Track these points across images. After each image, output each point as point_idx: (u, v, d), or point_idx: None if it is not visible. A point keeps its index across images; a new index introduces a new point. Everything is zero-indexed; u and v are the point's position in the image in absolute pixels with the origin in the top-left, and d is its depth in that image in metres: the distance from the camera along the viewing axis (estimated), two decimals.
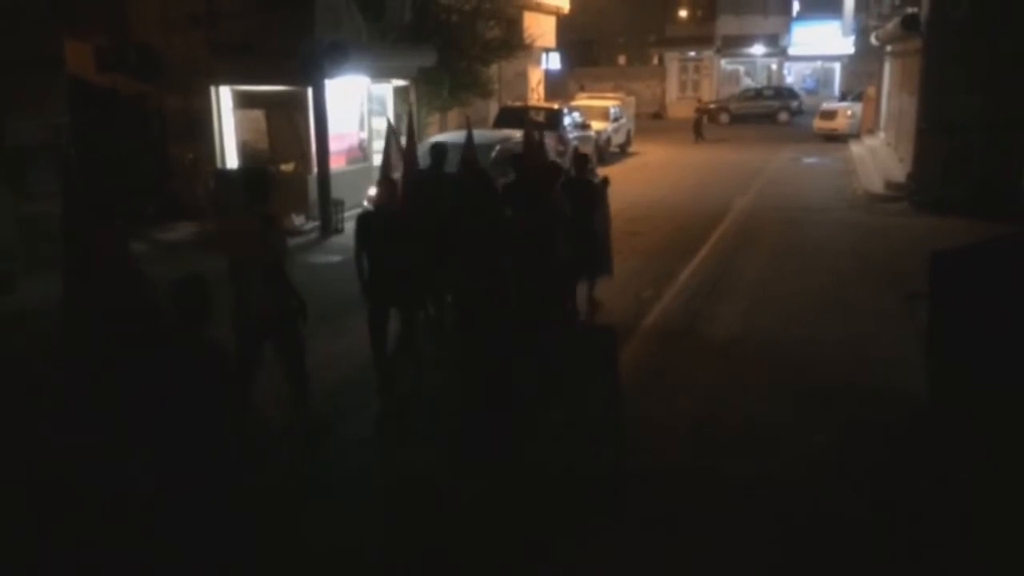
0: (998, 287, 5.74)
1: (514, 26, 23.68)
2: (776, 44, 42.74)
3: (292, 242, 9.22)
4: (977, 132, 14.90)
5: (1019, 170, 14.74)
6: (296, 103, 13.91)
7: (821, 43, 40.92)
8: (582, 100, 27.92)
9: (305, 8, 13.36)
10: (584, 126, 21.86)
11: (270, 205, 6.22)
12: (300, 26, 13.34)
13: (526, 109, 21.32)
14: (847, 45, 38.32)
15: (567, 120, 20.92)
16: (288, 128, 14.17)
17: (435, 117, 19.29)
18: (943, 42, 15.31)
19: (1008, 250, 5.72)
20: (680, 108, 42.60)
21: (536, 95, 28.93)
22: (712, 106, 38.74)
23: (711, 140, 29.28)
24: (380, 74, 15.28)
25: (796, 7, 42.70)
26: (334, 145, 14.25)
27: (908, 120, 17.84)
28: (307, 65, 13.20)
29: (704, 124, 30.39)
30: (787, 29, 42.26)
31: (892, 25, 19.69)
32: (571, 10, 32.46)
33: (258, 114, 14.25)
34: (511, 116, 19.37)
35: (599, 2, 41.48)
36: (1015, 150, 14.76)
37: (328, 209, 13.63)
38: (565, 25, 33.96)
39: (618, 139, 25.15)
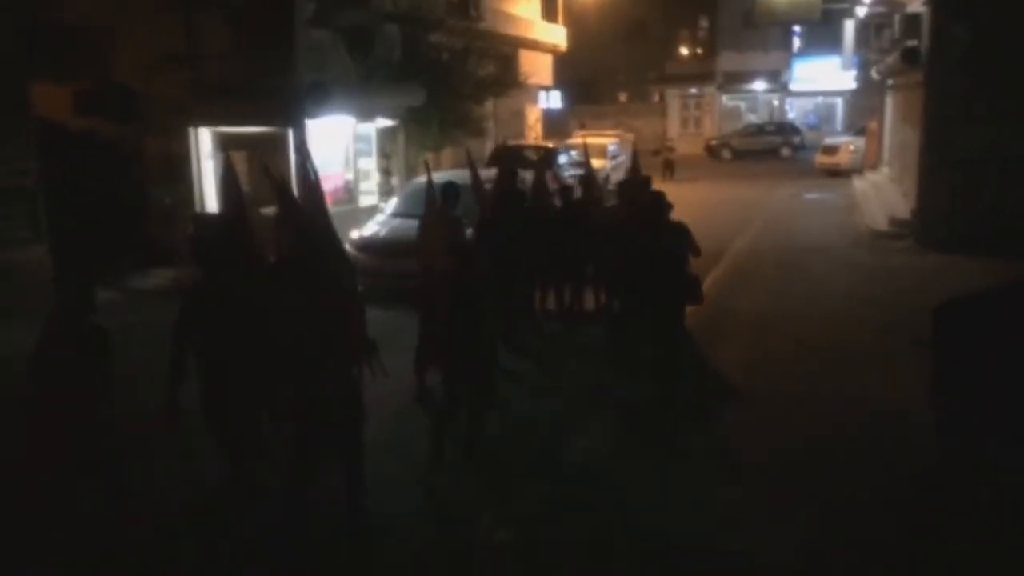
0: (1002, 338, 5.20)
1: (509, 64, 23.44)
2: (777, 80, 42.56)
3: None
4: (982, 166, 14.39)
5: None
6: (278, 144, 13.51)
7: (822, 78, 40.68)
8: (579, 137, 27.57)
9: (286, 48, 13.03)
10: (581, 164, 21.43)
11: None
12: (281, 66, 13.00)
13: (521, 148, 21.04)
14: (848, 80, 38.05)
15: (563, 158, 20.59)
16: (270, 170, 13.76)
17: (427, 156, 18.90)
18: (945, 74, 14.87)
19: (1010, 299, 5.19)
20: (682, 145, 42.23)
21: (534, 133, 28.65)
22: (714, 142, 38.51)
23: (681, 179, 28.01)
24: (365, 114, 14.92)
25: (797, 43, 42.55)
26: None
27: (911, 154, 17.38)
28: (288, 105, 12.83)
29: (674, 162, 29.37)
30: (788, 65, 42.10)
31: (892, 59, 19.33)
32: (571, 48, 32.33)
33: (239, 156, 13.84)
34: (506, 155, 19.02)
35: (599, 40, 41.52)
36: (1021, 183, 14.25)
37: None
38: (565, 63, 33.85)
39: (616, 177, 24.66)
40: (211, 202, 13.94)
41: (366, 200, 15.28)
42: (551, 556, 5.38)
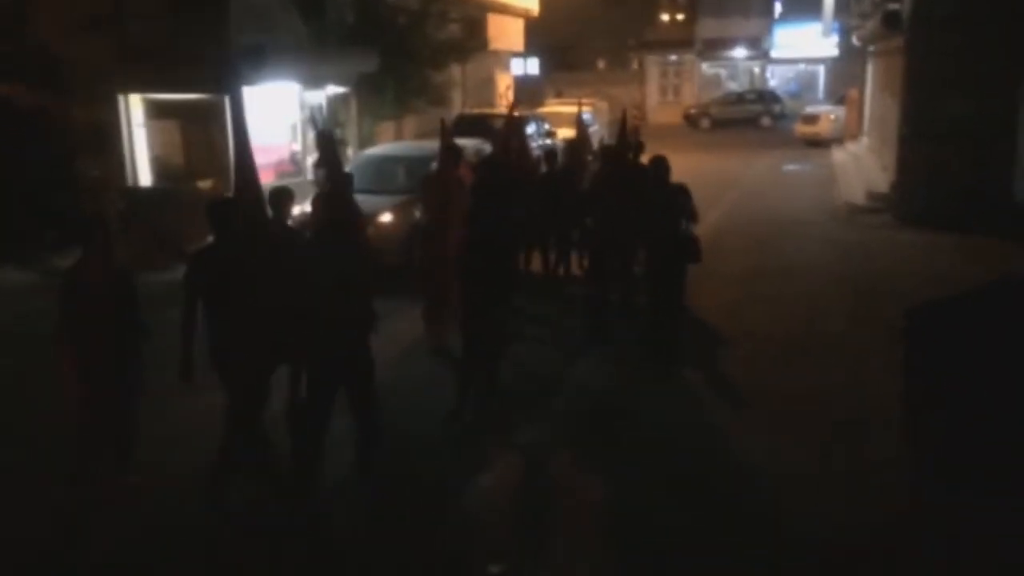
0: (980, 344, 4.49)
1: (476, 27, 22.42)
2: (758, 47, 41.58)
3: None
4: (964, 137, 13.63)
5: (1008, 178, 13.51)
6: (213, 113, 12.57)
7: (804, 45, 39.72)
8: (550, 106, 26.63)
9: (220, 8, 12.05)
10: (549, 134, 20.58)
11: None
12: (215, 28, 12.03)
13: (484, 117, 20.10)
14: (830, 47, 37.19)
15: (530, 128, 19.69)
16: (205, 141, 12.83)
17: (386, 126, 18.00)
18: (927, 39, 14.05)
19: (990, 301, 4.48)
20: (661, 113, 41.42)
21: (505, 101, 27.65)
22: (693, 111, 37.63)
23: (652, 148, 27.42)
24: (312, 80, 13.96)
25: (778, 9, 41.53)
26: (260, 158, 12.77)
27: (891, 125, 16.62)
28: (222, 70, 11.86)
29: (639, 130, 28.48)
30: (769, 31, 41.11)
31: (873, 23, 18.51)
32: (547, 13, 31.28)
33: (172, 125, 12.90)
34: (469, 124, 18.10)
35: (577, 4, 40.32)
36: (1003, 157, 13.53)
37: None
38: (541, 29, 32.82)
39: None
40: (143, 174, 13.00)
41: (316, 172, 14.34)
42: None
